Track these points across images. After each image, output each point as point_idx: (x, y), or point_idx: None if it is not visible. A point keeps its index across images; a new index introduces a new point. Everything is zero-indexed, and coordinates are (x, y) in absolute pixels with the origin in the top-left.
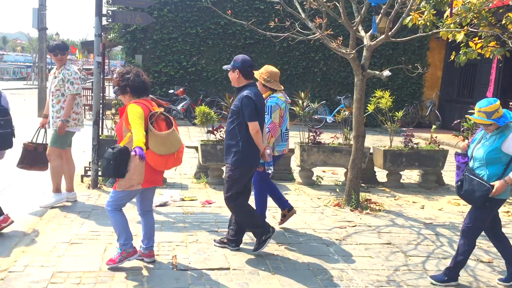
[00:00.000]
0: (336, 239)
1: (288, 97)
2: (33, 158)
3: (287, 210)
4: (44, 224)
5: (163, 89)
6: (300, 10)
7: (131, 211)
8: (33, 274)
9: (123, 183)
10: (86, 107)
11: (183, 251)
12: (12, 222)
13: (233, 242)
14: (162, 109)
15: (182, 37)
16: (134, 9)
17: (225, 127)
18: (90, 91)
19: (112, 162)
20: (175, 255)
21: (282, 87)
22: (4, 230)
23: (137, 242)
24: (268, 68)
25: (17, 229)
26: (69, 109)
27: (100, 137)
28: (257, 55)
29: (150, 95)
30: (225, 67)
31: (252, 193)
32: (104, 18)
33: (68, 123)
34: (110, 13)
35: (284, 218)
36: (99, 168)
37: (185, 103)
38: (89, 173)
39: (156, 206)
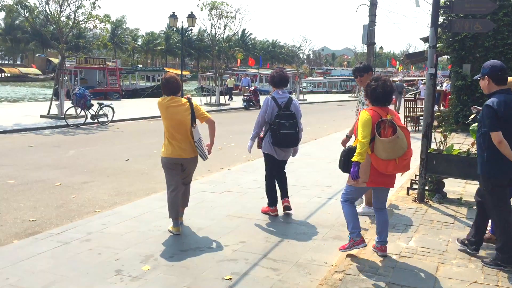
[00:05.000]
0: None
1: None
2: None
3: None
4: (372, 234)
5: None
6: None
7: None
8: (367, 281)
9: (351, 179)
10: (408, 119)
11: None
12: (277, 215)
13: (472, 244)
14: (391, 117)
15: None
16: (464, 16)
17: None
18: (412, 102)
19: (342, 159)
20: None
21: None
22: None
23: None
24: None
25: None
26: None
27: (429, 151)
28: None
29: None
30: (476, 77)
31: None
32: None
33: None
34: (447, 23)
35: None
36: (426, 182)
37: None
38: (415, 186)
39: None
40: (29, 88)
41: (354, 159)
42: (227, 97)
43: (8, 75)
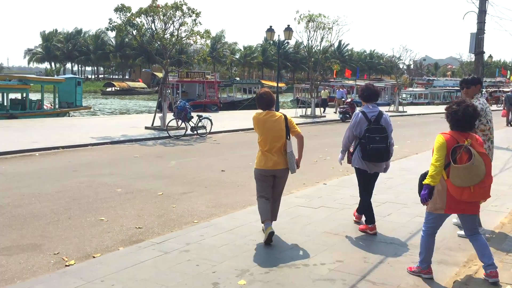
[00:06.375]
0: None
1: None
2: None
3: None
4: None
5: None
6: None
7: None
8: None
9: (429, 205)
10: None
11: None
12: (376, 233)
13: None
14: (469, 142)
15: None
16: None
17: None
18: None
19: (419, 183)
20: None
21: None
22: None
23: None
24: None
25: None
26: None
27: None
28: None
29: None
30: None
31: None
32: None
33: None
34: None
35: None
36: None
37: None
38: None
39: None
40: (135, 101)
41: (425, 181)
42: (322, 109)
43: (118, 89)
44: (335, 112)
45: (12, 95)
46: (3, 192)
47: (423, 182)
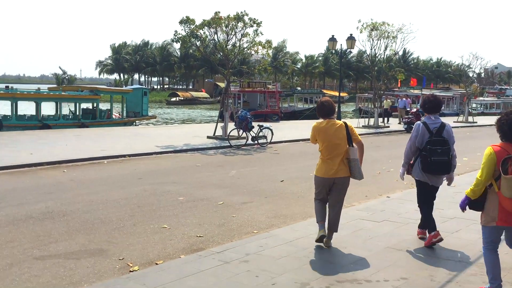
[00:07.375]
0: None
1: None
2: None
3: None
4: None
5: None
6: None
7: None
8: None
9: (482, 217)
10: None
11: None
12: (441, 239)
13: None
14: None
15: None
16: None
17: None
18: None
19: None
20: None
21: None
22: None
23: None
24: None
25: None
26: None
27: None
28: None
29: None
30: None
31: None
32: None
33: None
34: None
35: None
36: None
37: None
38: None
39: None
40: (199, 111)
41: (466, 192)
42: (385, 119)
43: (182, 98)
44: (399, 123)
45: (83, 105)
46: (74, 198)
47: (465, 192)
